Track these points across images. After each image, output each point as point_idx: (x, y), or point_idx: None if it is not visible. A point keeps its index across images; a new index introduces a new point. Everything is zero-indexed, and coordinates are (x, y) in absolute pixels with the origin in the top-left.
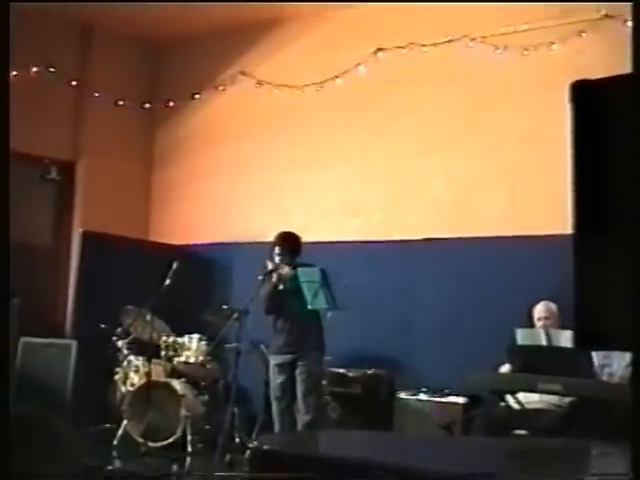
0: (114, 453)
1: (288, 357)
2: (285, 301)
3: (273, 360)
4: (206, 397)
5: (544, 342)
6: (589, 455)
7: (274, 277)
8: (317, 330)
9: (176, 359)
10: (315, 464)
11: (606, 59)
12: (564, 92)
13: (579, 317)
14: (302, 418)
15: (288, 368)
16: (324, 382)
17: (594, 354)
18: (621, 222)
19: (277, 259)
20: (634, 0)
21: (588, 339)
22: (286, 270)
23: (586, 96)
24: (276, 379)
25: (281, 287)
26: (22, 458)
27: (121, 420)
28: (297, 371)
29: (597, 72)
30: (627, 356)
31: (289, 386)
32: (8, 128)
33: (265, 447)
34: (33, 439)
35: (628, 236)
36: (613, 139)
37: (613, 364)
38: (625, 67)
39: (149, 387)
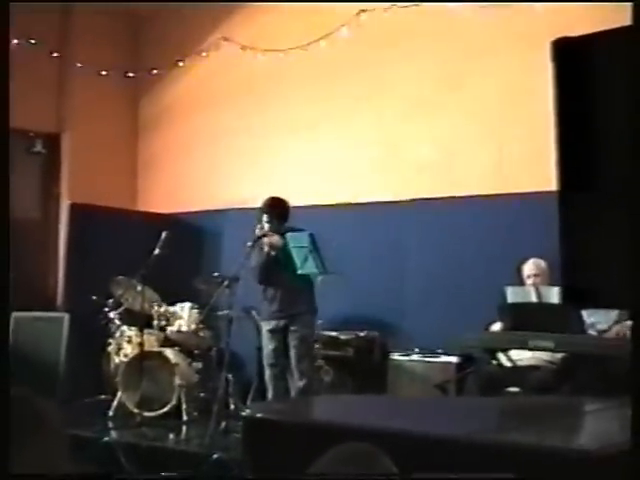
0: (110, 424)
1: (280, 322)
2: (276, 268)
3: (265, 326)
4: (200, 365)
5: (534, 299)
6: (583, 411)
7: (265, 246)
8: (308, 294)
9: (168, 328)
10: (308, 431)
11: (590, 13)
12: (547, 48)
13: (566, 274)
14: (296, 384)
15: (280, 333)
16: (317, 346)
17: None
18: (605, 178)
19: (265, 225)
20: (634, 0)
21: (576, 295)
22: (276, 238)
23: (567, 54)
24: (268, 345)
25: (273, 253)
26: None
27: (116, 391)
28: (289, 336)
29: (581, 26)
30: (613, 313)
31: (282, 352)
32: (8, 124)
33: (257, 415)
34: (16, 419)
35: (617, 194)
36: (596, 96)
37: (601, 321)
38: (610, 20)
39: (142, 357)
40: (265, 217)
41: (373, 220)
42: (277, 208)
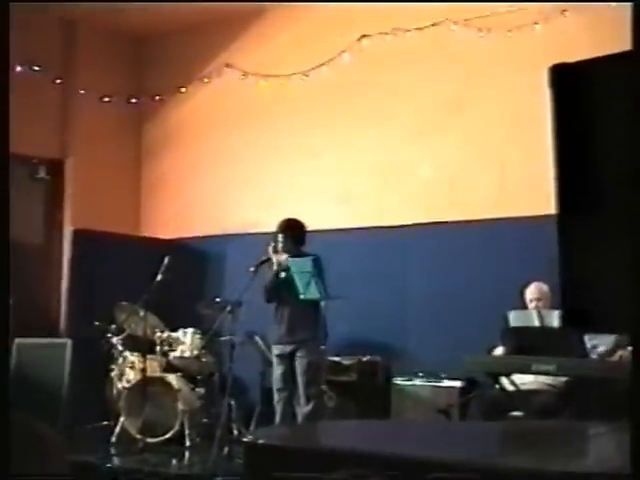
0: (112, 450)
1: (287, 348)
2: (284, 289)
3: (274, 350)
4: (202, 390)
5: (537, 323)
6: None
7: (274, 265)
8: (316, 320)
9: (171, 354)
10: (309, 457)
11: (590, 38)
12: (546, 73)
13: (566, 297)
14: (302, 409)
15: (288, 358)
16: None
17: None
18: (604, 202)
19: (280, 247)
20: (634, 0)
21: (577, 319)
22: (284, 257)
23: (565, 79)
24: (277, 370)
25: (282, 275)
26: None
27: (118, 417)
28: (296, 362)
29: (581, 51)
30: (612, 336)
31: (289, 376)
32: (8, 128)
33: (259, 441)
34: (18, 445)
35: (617, 217)
36: (594, 120)
37: (602, 344)
38: (609, 45)
39: (145, 383)
40: (280, 238)
41: (375, 244)
42: (292, 230)
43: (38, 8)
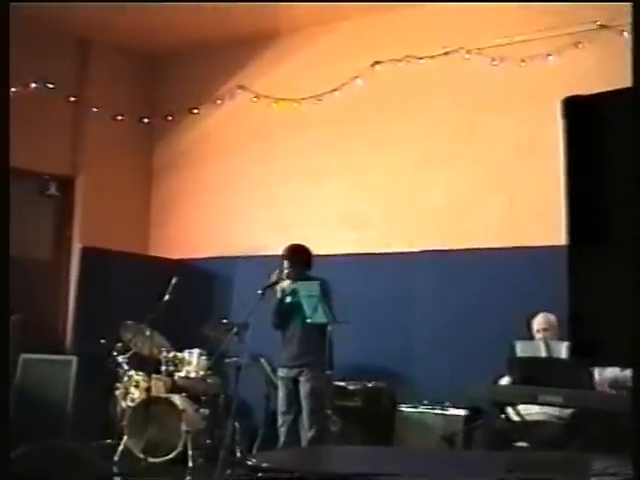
0: (115, 469)
1: (293, 371)
2: (292, 314)
3: (279, 373)
4: (207, 412)
5: (544, 354)
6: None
7: (278, 292)
8: (322, 344)
9: (176, 374)
10: None
11: (602, 70)
12: (558, 103)
13: (575, 329)
14: (306, 434)
15: (292, 382)
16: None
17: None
18: (615, 234)
19: (285, 272)
20: (634, 0)
21: (584, 351)
22: (286, 283)
23: (578, 111)
24: (281, 393)
25: (288, 300)
26: None
27: (122, 436)
28: (301, 386)
29: (594, 83)
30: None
31: (294, 400)
32: (8, 137)
33: (263, 464)
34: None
35: (626, 248)
36: (606, 153)
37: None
38: (622, 77)
39: (149, 402)
40: (286, 263)
41: (383, 270)
42: (298, 255)
43: (53, 26)
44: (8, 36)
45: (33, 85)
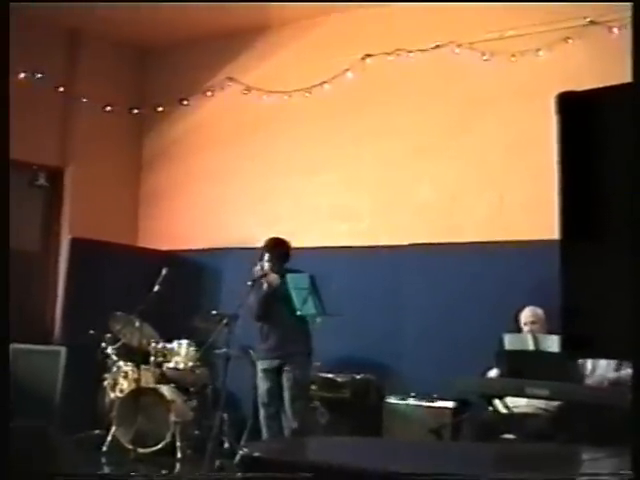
0: (103, 459)
1: (275, 362)
2: (273, 307)
3: (260, 365)
4: (195, 403)
5: (531, 347)
6: (577, 460)
7: (264, 284)
8: (304, 336)
9: (165, 365)
10: (304, 471)
11: (592, 65)
12: (550, 98)
13: (566, 322)
14: (289, 425)
15: (274, 373)
16: (313, 387)
17: (606, 365)
18: (606, 228)
19: (266, 265)
20: (634, 0)
21: (575, 344)
22: (273, 277)
23: (572, 107)
24: (263, 385)
25: (273, 292)
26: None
27: (110, 426)
28: (283, 377)
29: (583, 78)
30: (612, 362)
31: (276, 392)
32: (8, 134)
33: (254, 454)
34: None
35: (618, 242)
36: (599, 149)
37: (600, 368)
38: (611, 73)
39: (138, 393)
40: (266, 256)
41: (372, 263)
42: (278, 248)
43: (42, 16)
44: (8, 36)
45: (22, 75)
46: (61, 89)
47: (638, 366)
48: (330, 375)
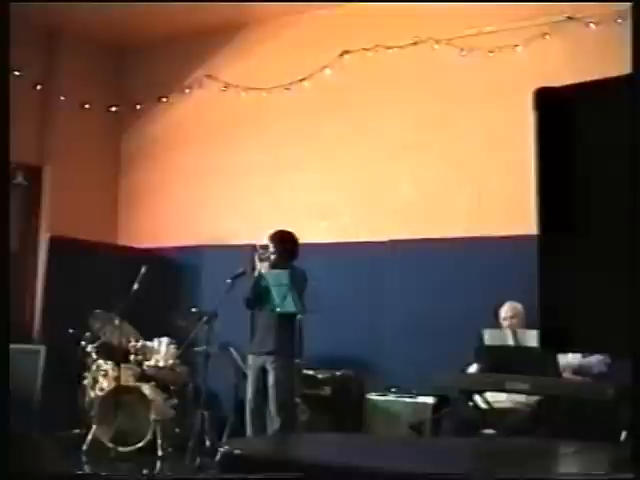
0: (84, 458)
1: (260, 359)
2: (263, 300)
3: (249, 361)
4: (175, 401)
5: (511, 342)
6: (557, 454)
7: (255, 272)
8: (290, 333)
9: (145, 363)
10: (285, 468)
11: (570, 61)
12: (528, 94)
13: (545, 317)
14: (272, 422)
15: (259, 370)
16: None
17: (572, 355)
18: (584, 222)
19: (272, 258)
20: (634, 0)
21: (554, 339)
22: (265, 265)
23: (550, 102)
24: (249, 381)
25: (263, 284)
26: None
27: (90, 425)
28: (269, 374)
29: (561, 74)
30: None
31: (262, 388)
32: (8, 135)
33: (235, 451)
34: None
35: (597, 238)
36: (577, 145)
37: (565, 356)
38: (589, 69)
39: (118, 392)
40: (271, 248)
41: (352, 259)
42: (286, 243)
43: (21, 14)
44: (8, 36)
45: None
46: (39, 87)
47: (638, 366)
48: (310, 372)
